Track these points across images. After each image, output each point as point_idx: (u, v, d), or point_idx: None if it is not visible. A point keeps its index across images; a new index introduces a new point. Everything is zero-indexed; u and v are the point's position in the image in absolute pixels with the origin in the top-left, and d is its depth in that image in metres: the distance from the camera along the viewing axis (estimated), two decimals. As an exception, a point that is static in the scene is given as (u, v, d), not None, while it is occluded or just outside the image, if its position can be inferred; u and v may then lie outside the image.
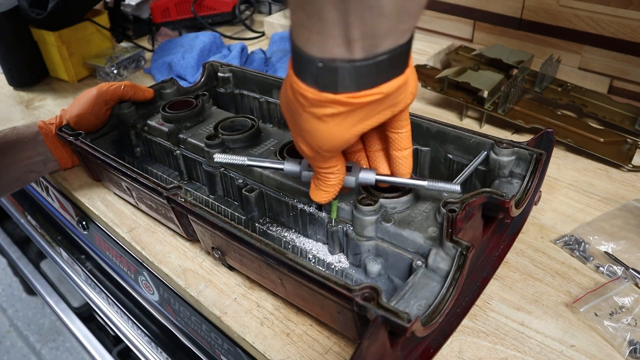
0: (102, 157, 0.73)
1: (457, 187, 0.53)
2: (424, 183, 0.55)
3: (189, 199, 0.62)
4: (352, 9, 0.35)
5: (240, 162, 0.61)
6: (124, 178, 0.71)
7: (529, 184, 0.62)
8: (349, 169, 0.55)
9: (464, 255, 0.50)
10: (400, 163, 0.54)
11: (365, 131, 0.46)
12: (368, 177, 0.55)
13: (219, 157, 0.62)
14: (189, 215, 0.63)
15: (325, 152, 0.47)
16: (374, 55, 0.39)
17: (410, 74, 0.43)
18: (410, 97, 0.45)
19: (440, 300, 0.48)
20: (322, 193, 0.54)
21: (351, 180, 0.55)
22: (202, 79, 0.94)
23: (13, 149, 0.77)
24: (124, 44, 1.35)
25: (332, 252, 0.63)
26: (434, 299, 0.48)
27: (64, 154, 0.83)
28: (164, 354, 0.98)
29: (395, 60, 0.40)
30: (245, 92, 0.94)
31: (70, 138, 0.78)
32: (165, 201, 0.64)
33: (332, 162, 0.50)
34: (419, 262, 0.54)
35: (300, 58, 0.40)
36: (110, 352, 1.24)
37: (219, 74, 0.94)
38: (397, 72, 0.41)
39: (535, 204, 0.72)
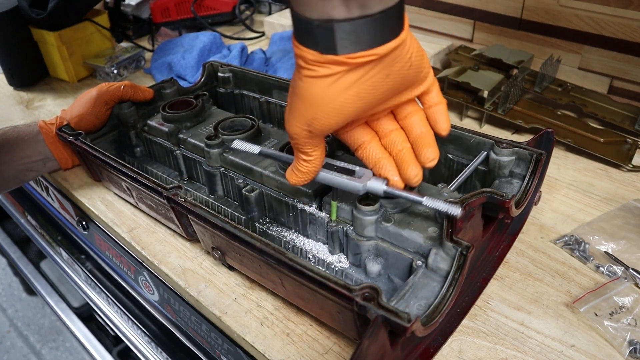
0: (102, 157, 0.73)
1: (458, 212, 0.51)
2: (431, 203, 0.52)
3: (189, 199, 0.62)
4: None
5: (254, 151, 0.60)
6: (124, 178, 0.71)
7: (529, 184, 0.62)
8: (350, 172, 0.55)
9: (464, 255, 0.50)
10: (432, 117, 0.53)
11: (362, 99, 0.45)
12: (377, 187, 0.54)
13: (236, 144, 0.61)
14: (189, 215, 0.63)
15: (318, 125, 0.47)
16: (369, 14, 0.41)
17: (407, 39, 0.44)
18: (407, 66, 0.46)
19: (440, 300, 0.48)
20: (294, 175, 0.54)
21: (358, 187, 0.54)
22: (202, 79, 0.94)
23: (13, 146, 0.78)
24: (124, 44, 1.35)
25: (332, 252, 0.63)
26: (434, 299, 0.48)
27: (64, 154, 0.83)
28: (164, 354, 0.98)
29: (389, 21, 0.42)
30: (245, 92, 0.94)
31: (71, 138, 0.78)
32: (165, 201, 0.64)
33: (311, 147, 0.50)
34: (419, 262, 0.54)
35: (301, 23, 0.42)
36: (110, 352, 1.24)
37: (219, 74, 0.94)
38: (392, 35, 0.43)
39: (535, 204, 0.72)
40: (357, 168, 0.56)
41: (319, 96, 0.44)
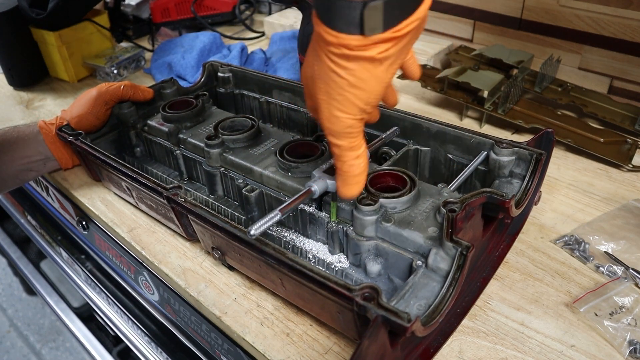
0: (102, 157, 0.73)
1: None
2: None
3: (189, 199, 0.62)
4: None
5: (275, 219, 0.54)
6: (124, 178, 0.71)
7: (529, 184, 0.62)
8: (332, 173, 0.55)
9: (464, 255, 0.50)
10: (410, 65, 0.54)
11: (398, 66, 0.46)
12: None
13: (254, 231, 0.52)
14: (188, 215, 0.63)
15: (369, 108, 0.46)
16: None
17: None
18: (427, 20, 0.46)
19: (440, 300, 0.48)
20: (350, 186, 0.51)
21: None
22: (202, 79, 0.94)
23: (13, 146, 0.78)
24: (124, 44, 1.35)
25: (332, 252, 0.63)
26: (434, 299, 0.48)
27: (65, 154, 0.83)
28: (164, 354, 0.98)
29: None
30: (245, 92, 0.94)
31: (70, 138, 0.78)
32: (165, 201, 0.64)
33: (360, 137, 0.49)
34: (419, 262, 0.54)
35: (341, 9, 0.40)
36: (110, 352, 1.24)
37: (219, 74, 0.94)
38: None
39: (535, 204, 0.72)
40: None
41: (370, 79, 0.43)
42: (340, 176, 0.51)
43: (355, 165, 0.50)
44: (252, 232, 0.51)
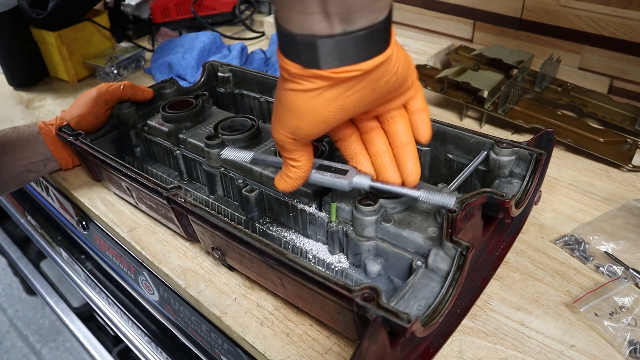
0: (102, 158, 0.73)
1: (452, 202, 0.52)
2: (418, 193, 0.53)
3: (188, 199, 0.62)
4: None
5: (244, 159, 0.60)
6: (124, 178, 0.71)
7: (529, 184, 0.62)
8: (344, 172, 0.55)
9: (464, 256, 0.50)
10: (415, 124, 0.54)
11: (346, 111, 0.46)
12: (362, 182, 0.54)
13: (225, 154, 0.60)
14: (188, 216, 0.63)
15: (301, 133, 0.47)
16: (352, 31, 0.40)
17: (393, 54, 0.44)
18: (393, 79, 0.46)
19: (440, 301, 0.48)
20: (282, 182, 0.54)
21: (344, 183, 0.54)
22: (202, 79, 0.94)
23: (13, 147, 0.78)
24: (124, 44, 1.35)
25: (332, 252, 0.63)
26: (434, 299, 0.48)
27: (65, 155, 0.83)
28: (164, 354, 0.98)
29: (374, 38, 0.42)
30: (245, 92, 0.94)
31: (70, 138, 0.78)
32: (165, 201, 0.64)
33: (298, 153, 0.51)
34: (419, 263, 0.54)
35: (285, 37, 0.42)
36: (110, 352, 1.24)
37: (219, 74, 0.94)
38: (377, 51, 0.43)
39: (535, 204, 0.72)
40: (349, 168, 0.56)
41: (303, 108, 0.45)
42: (281, 171, 0.54)
43: (289, 169, 0.52)
44: (222, 154, 0.58)
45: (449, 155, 0.71)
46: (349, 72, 0.42)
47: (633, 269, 0.63)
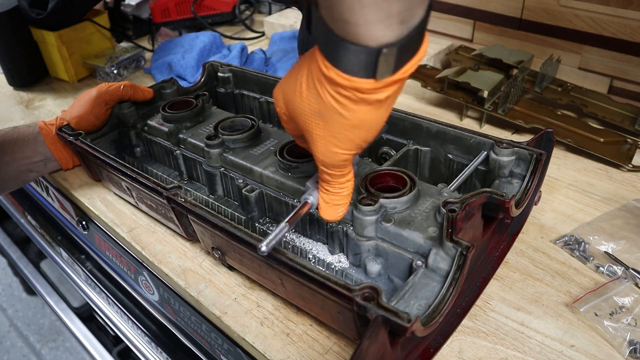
0: (102, 158, 0.73)
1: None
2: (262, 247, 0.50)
3: (188, 199, 0.62)
4: None
5: (283, 233, 0.52)
6: (124, 178, 0.71)
7: (529, 184, 0.62)
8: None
9: (464, 256, 0.50)
10: None
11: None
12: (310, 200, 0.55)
13: (265, 247, 0.50)
14: (188, 216, 0.63)
15: (365, 145, 0.46)
16: (412, 28, 0.39)
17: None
18: None
19: (440, 301, 0.48)
20: (336, 208, 0.52)
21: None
22: (202, 79, 0.94)
23: (13, 147, 0.78)
24: (124, 44, 1.35)
25: (332, 252, 0.63)
26: (434, 299, 0.48)
27: (65, 155, 0.83)
28: (164, 354, 0.98)
29: (423, 27, 0.40)
30: (245, 92, 0.94)
31: (70, 138, 0.78)
32: (165, 201, 0.64)
33: (348, 167, 0.49)
34: (419, 262, 0.54)
35: (353, 52, 0.39)
36: (110, 352, 1.24)
37: (219, 74, 0.94)
38: (422, 40, 0.41)
39: (535, 204, 0.72)
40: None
41: (374, 120, 0.43)
42: (326, 198, 0.52)
43: (344, 187, 0.51)
44: (262, 249, 0.49)
45: (449, 155, 0.71)
46: (415, 65, 0.41)
47: (633, 269, 0.63)
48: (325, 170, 0.49)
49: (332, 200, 0.52)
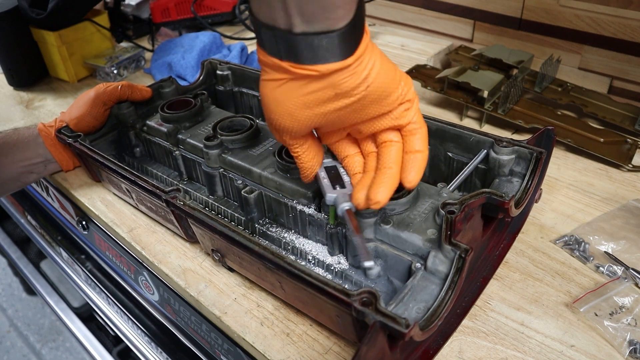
0: (101, 160, 0.73)
1: (368, 265, 0.52)
2: (369, 264, 0.52)
3: (187, 202, 0.62)
4: None
5: (364, 243, 0.55)
6: (123, 180, 0.71)
7: (529, 183, 0.62)
8: (336, 183, 0.56)
9: (463, 258, 0.50)
10: (405, 165, 0.52)
11: (314, 112, 0.47)
12: (340, 203, 0.55)
13: (368, 264, 0.52)
14: (188, 219, 0.63)
15: (277, 126, 0.50)
16: (311, 32, 0.42)
17: (355, 63, 0.45)
18: (363, 88, 0.46)
19: (439, 304, 0.48)
20: (305, 172, 0.57)
21: (327, 195, 0.56)
22: (201, 77, 0.93)
23: (13, 149, 0.78)
24: (124, 44, 1.35)
25: (331, 254, 0.63)
26: (433, 301, 0.48)
27: (65, 156, 0.83)
28: (164, 354, 0.98)
29: (332, 43, 0.43)
30: (244, 90, 0.94)
31: (70, 140, 0.78)
32: (164, 204, 0.64)
33: (294, 142, 0.53)
34: (418, 265, 0.54)
35: (256, 24, 0.45)
36: (110, 352, 1.24)
37: (218, 72, 0.94)
38: (337, 56, 0.44)
39: (536, 202, 0.71)
40: (348, 184, 0.57)
41: (269, 97, 0.48)
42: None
43: (296, 156, 0.55)
44: (366, 265, 0.52)
45: (449, 153, 0.71)
46: (305, 70, 0.44)
47: (633, 269, 0.63)
48: (272, 131, 0.53)
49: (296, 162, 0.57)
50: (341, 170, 0.58)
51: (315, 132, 0.56)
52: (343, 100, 0.46)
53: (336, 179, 0.57)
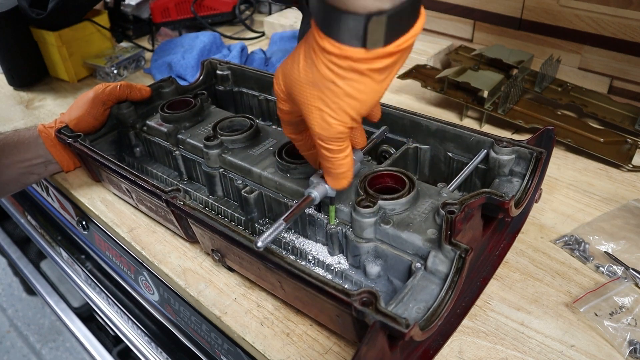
0: (101, 160, 0.73)
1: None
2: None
3: (187, 202, 0.62)
4: None
5: (281, 229, 0.54)
6: (123, 180, 0.71)
7: (529, 183, 0.62)
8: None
9: (463, 258, 0.50)
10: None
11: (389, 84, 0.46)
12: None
13: (261, 243, 0.51)
14: (188, 219, 0.63)
15: (361, 115, 0.47)
16: (401, 1, 0.39)
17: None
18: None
19: (439, 304, 0.48)
20: (342, 180, 0.53)
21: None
22: (201, 77, 0.93)
23: (13, 150, 0.78)
24: (124, 44, 1.35)
25: (331, 254, 0.63)
26: (433, 301, 0.48)
27: (66, 157, 0.83)
28: (164, 354, 0.98)
29: (413, 3, 0.41)
30: (244, 90, 0.94)
31: (70, 140, 0.77)
32: (164, 204, 0.64)
33: (347, 142, 0.50)
34: (418, 264, 0.53)
35: (343, 20, 0.40)
36: (110, 352, 1.24)
37: (218, 72, 0.94)
38: (416, 14, 0.42)
39: (536, 202, 0.71)
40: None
41: (369, 89, 0.44)
42: (330, 174, 0.53)
43: (342, 164, 0.52)
44: (259, 244, 0.50)
45: (449, 153, 0.71)
46: (410, 40, 0.42)
47: (633, 269, 0.63)
48: (324, 146, 0.49)
49: (336, 176, 0.53)
50: None
51: None
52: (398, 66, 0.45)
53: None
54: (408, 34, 0.41)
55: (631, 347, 0.55)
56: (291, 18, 1.41)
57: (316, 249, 0.64)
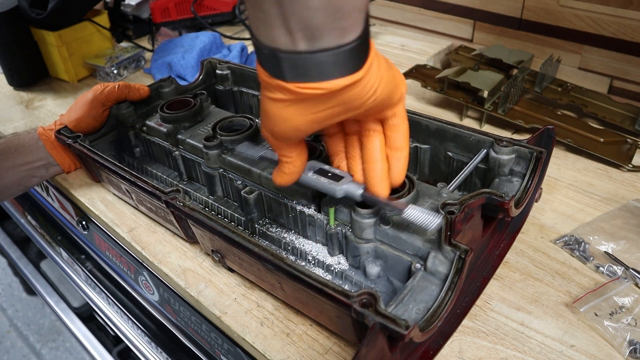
0: (101, 160, 0.73)
1: (435, 224, 0.51)
2: (407, 212, 0.52)
3: (187, 203, 0.61)
4: (284, 1, 0.37)
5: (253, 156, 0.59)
6: (123, 181, 0.71)
7: (529, 183, 0.62)
8: (338, 179, 0.55)
9: (463, 259, 0.50)
10: (390, 163, 0.54)
11: (323, 124, 0.47)
12: (353, 190, 0.54)
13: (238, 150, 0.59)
14: (187, 220, 0.63)
15: (278, 136, 0.48)
16: (317, 49, 0.40)
17: (366, 76, 0.43)
18: (371, 100, 0.45)
19: (439, 304, 0.48)
20: (278, 177, 0.55)
21: (335, 189, 0.55)
22: (201, 77, 0.93)
23: (14, 153, 0.78)
24: (124, 44, 1.35)
25: (331, 254, 0.63)
26: (433, 302, 0.48)
27: (66, 158, 0.83)
28: (164, 354, 0.98)
29: (340, 58, 0.41)
30: (244, 90, 0.94)
31: (69, 141, 0.77)
32: (164, 205, 0.64)
33: (287, 150, 0.52)
34: (418, 265, 0.53)
35: (256, 45, 0.43)
36: (110, 352, 1.24)
37: (218, 71, 0.94)
38: (345, 71, 0.41)
39: (536, 202, 0.71)
40: (345, 175, 0.56)
41: (275, 115, 0.45)
42: (277, 166, 0.55)
43: (284, 165, 0.54)
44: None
45: (449, 153, 0.71)
46: (313, 90, 0.42)
47: (633, 269, 0.63)
48: (268, 138, 0.51)
49: (278, 167, 0.55)
50: (327, 166, 0.58)
51: None
52: (352, 112, 0.46)
53: (334, 176, 0.57)
54: (313, 84, 0.41)
55: (631, 347, 0.55)
56: (291, 18, 1.41)
57: (316, 250, 0.64)
